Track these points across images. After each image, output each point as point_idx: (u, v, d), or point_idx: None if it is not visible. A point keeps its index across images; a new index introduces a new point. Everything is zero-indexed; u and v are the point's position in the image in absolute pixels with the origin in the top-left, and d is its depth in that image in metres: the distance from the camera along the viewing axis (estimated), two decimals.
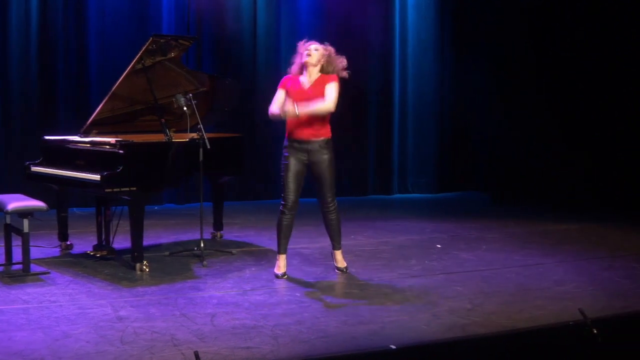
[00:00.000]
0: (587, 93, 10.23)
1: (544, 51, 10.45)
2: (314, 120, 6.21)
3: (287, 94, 6.27)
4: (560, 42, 10.31)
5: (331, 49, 6.34)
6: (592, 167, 10.27)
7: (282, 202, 6.33)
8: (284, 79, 6.37)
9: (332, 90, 6.17)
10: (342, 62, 6.33)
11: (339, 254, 6.59)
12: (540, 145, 10.58)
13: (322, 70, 6.29)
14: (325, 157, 6.29)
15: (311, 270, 6.64)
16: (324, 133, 6.29)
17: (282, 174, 6.32)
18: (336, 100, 6.18)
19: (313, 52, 6.24)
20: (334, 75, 6.27)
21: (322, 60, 6.27)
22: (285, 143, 6.32)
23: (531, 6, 10.63)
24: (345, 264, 6.58)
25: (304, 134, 6.23)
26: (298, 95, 6.20)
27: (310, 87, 6.25)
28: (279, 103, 6.23)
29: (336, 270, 6.55)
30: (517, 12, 10.71)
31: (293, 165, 6.27)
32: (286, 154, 6.30)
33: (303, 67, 6.31)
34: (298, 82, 6.31)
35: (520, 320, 5.18)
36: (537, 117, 10.57)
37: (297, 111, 6.06)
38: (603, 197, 10.23)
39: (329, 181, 6.33)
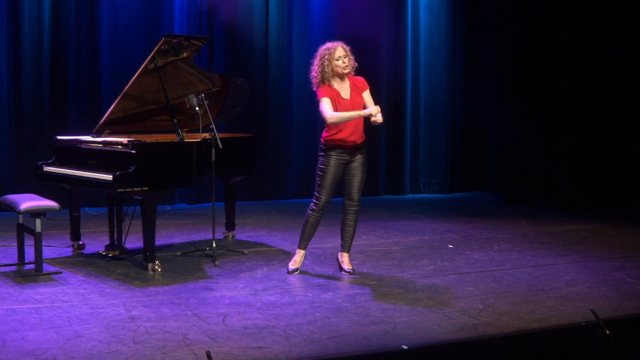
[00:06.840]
0: (601, 92, 10.17)
1: (557, 50, 10.41)
2: (359, 125, 6.26)
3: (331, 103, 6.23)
4: (573, 40, 10.27)
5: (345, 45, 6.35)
6: (605, 167, 10.22)
7: (314, 201, 6.34)
8: (325, 89, 6.20)
9: (371, 98, 6.35)
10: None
11: (347, 256, 6.58)
12: (552, 145, 10.53)
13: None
14: (363, 155, 6.37)
15: (323, 270, 6.64)
16: (364, 136, 6.37)
17: (319, 173, 6.30)
18: None
19: (348, 62, 6.23)
20: (362, 79, 6.37)
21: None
22: (324, 145, 6.28)
23: (543, 6, 10.59)
24: (352, 267, 6.58)
25: (353, 139, 6.25)
26: (343, 107, 6.20)
27: (350, 97, 6.28)
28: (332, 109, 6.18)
29: (344, 273, 6.54)
30: (529, 12, 10.68)
31: (334, 167, 6.26)
32: (328, 155, 6.27)
33: (331, 75, 6.23)
34: (336, 91, 6.25)
35: (532, 321, 5.18)
36: (549, 117, 10.53)
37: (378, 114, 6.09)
38: (615, 198, 10.18)
39: (362, 181, 6.38)
